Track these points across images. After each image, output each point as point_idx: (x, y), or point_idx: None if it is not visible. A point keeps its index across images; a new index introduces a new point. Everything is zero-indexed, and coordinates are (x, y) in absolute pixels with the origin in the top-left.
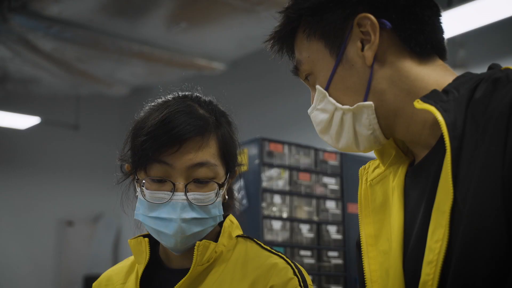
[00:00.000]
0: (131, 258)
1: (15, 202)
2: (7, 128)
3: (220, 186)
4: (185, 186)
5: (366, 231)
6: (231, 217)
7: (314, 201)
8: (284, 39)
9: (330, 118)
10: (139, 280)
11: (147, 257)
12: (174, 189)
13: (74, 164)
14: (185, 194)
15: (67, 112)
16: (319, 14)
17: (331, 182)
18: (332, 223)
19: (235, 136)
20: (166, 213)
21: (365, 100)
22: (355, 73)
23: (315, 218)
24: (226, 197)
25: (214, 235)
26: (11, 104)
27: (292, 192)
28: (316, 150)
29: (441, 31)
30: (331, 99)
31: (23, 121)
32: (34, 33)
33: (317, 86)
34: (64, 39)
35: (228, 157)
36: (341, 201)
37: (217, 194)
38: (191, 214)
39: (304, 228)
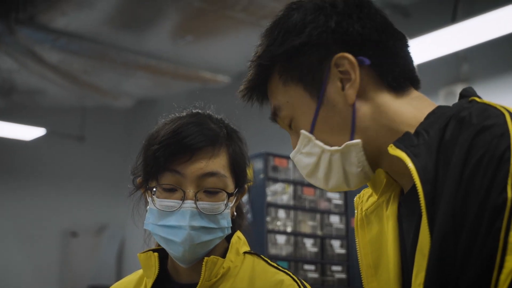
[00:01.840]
0: (140, 271)
1: (20, 213)
2: (13, 139)
3: (229, 195)
4: (195, 194)
5: (365, 262)
6: (238, 233)
7: (318, 216)
8: (258, 87)
9: (316, 161)
10: None
11: (156, 271)
12: (184, 197)
13: (79, 176)
14: (195, 203)
15: (73, 124)
16: (294, 59)
17: (335, 197)
18: (336, 237)
19: (246, 153)
20: (175, 221)
21: (352, 138)
22: (338, 113)
23: (319, 232)
24: (235, 213)
25: (222, 251)
26: (17, 116)
27: (296, 207)
28: None
29: (412, 61)
30: (317, 142)
31: (28, 132)
32: (41, 45)
33: (302, 131)
34: (70, 51)
35: (238, 171)
36: (345, 215)
37: (226, 205)
38: (200, 223)
39: (308, 242)
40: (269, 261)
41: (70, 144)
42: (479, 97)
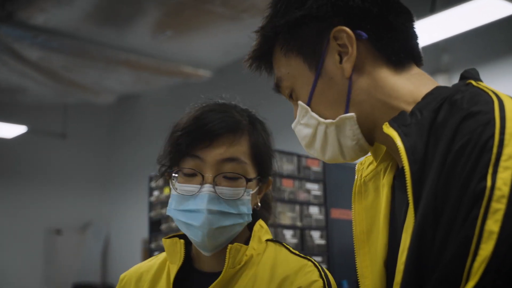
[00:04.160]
0: (161, 256)
1: (3, 211)
2: None
3: (248, 180)
4: (214, 178)
5: (358, 228)
6: (260, 221)
7: (297, 207)
8: (262, 57)
9: (313, 132)
10: (171, 280)
11: (182, 259)
12: (203, 182)
13: (62, 173)
14: (213, 187)
15: (55, 121)
16: (295, 30)
17: (314, 188)
18: (315, 228)
19: (270, 144)
20: (194, 205)
21: (346, 112)
22: (335, 86)
23: (298, 223)
24: (259, 204)
25: (244, 240)
26: None
27: (275, 198)
28: (299, 157)
29: (414, 37)
30: (313, 114)
31: (10, 130)
32: (20, 42)
33: (299, 102)
34: (50, 48)
35: (260, 160)
36: (324, 206)
37: (245, 191)
38: (218, 207)
39: (288, 233)
40: (291, 249)
41: (52, 142)
42: (480, 80)
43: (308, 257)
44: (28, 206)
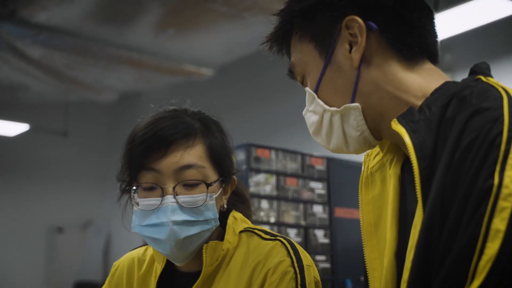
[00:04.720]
0: (150, 252)
1: (5, 209)
2: None
3: (208, 185)
4: (173, 189)
5: (366, 219)
6: (234, 213)
7: (301, 206)
8: (281, 41)
9: (320, 119)
10: (157, 280)
11: (165, 260)
12: (163, 194)
13: (64, 171)
14: (174, 197)
15: (56, 119)
16: (309, 17)
17: (318, 187)
18: (319, 227)
19: (228, 142)
20: (157, 218)
21: (352, 101)
22: (343, 75)
23: (302, 222)
24: (225, 206)
25: (218, 235)
26: (0, 112)
27: (279, 197)
28: (303, 155)
29: (432, 34)
30: (319, 101)
31: (12, 128)
32: (22, 40)
33: (306, 88)
34: (52, 46)
35: (219, 161)
36: (328, 205)
37: (208, 196)
38: (182, 217)
39: (292, 232)
40: (262, 234)
41: (54, 140)
42: (490, 75)
43: (279, 237)
44: (29, 204)
